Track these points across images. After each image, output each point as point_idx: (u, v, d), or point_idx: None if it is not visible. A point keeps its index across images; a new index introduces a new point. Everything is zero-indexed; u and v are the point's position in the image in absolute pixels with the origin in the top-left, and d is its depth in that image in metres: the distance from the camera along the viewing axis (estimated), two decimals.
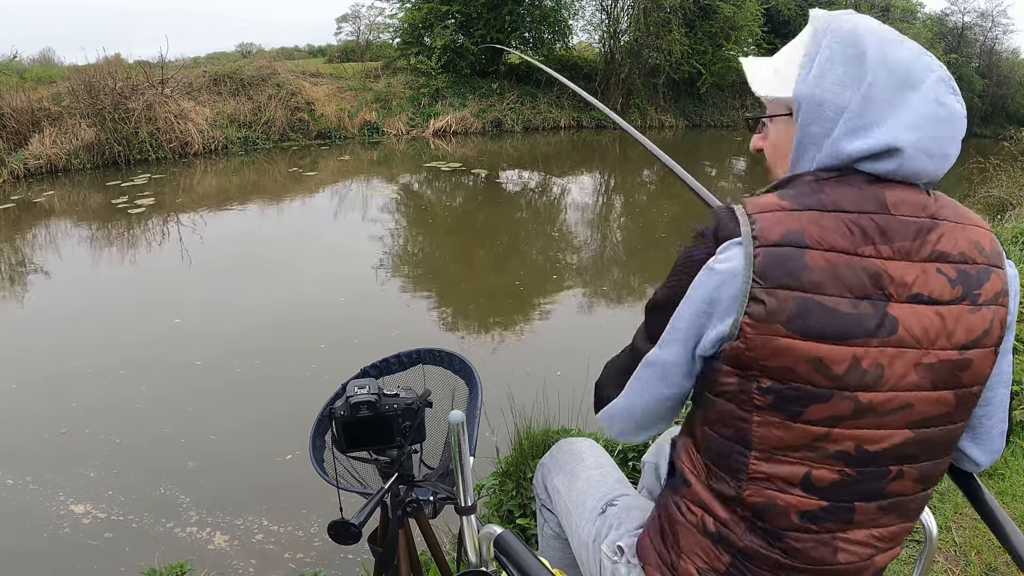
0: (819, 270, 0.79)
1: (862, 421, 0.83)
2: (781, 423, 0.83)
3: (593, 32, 17.93)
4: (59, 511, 2.93)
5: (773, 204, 0.83)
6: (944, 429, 0.87)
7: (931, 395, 0.84)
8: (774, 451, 0.85)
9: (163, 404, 3.83)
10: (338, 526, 1.05)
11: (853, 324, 0.80)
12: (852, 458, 0.84)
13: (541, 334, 5.09)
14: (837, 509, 0.87)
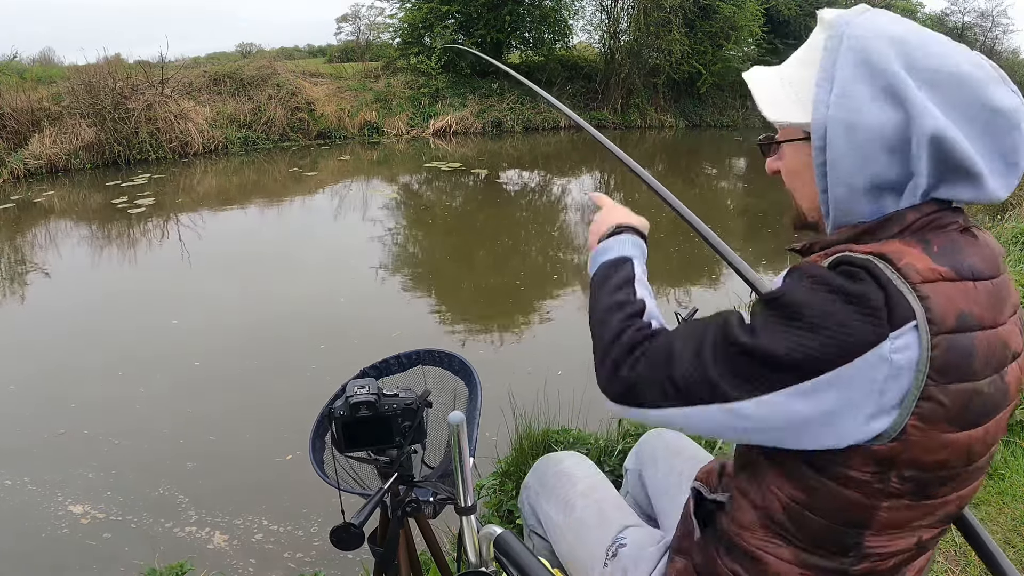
0: (982, 356, 0.70)
1: (967, 482, 0.78)
2: (911, 504, 0.75)
3: (593, 32, 17.94)
4: (57, 511, 2.93)
5: (931, 269, 0.69)
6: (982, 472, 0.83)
7: (994, 445, 0.79)
8: (895, 529, 0.77)
9: (162, 405, 3.83)
10: (340, 531, 1.05)
11: (992, 404, 0.73)
12: (953, 515, 0.81)
13: (541, 334, 5.09)
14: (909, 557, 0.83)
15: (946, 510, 0.78)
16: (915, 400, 0.67)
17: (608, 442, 2.73)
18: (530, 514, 1.33)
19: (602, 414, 3.17)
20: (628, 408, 0.79)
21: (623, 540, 1.10)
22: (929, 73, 0.70)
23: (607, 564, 1.08)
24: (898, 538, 0.78)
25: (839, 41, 0.74)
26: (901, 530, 0.77)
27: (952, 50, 0.72)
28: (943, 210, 0.73)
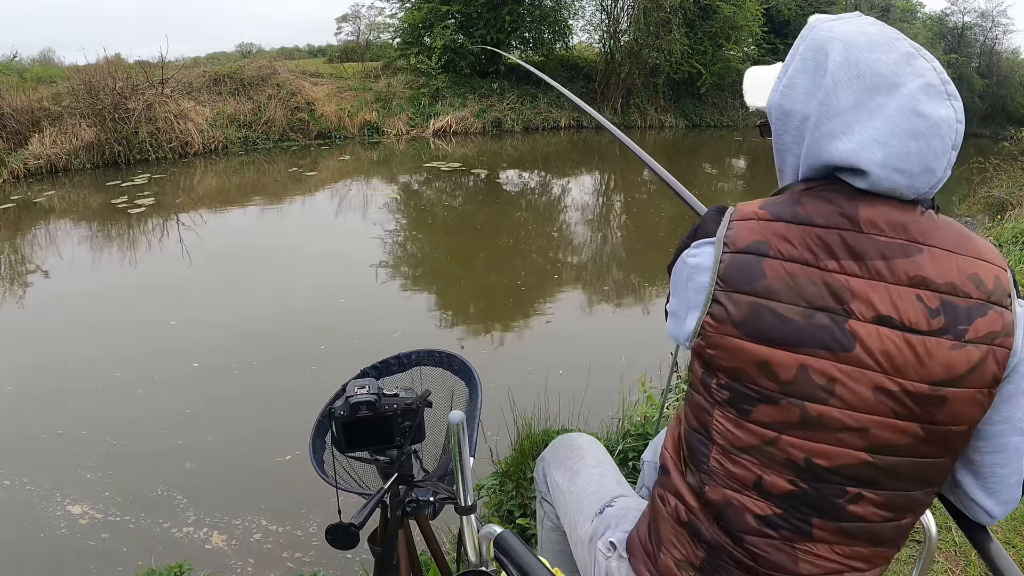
0: (775, 278, 0.82)
1: (812, 434, 0.83)
2: (735, 420, 0.86)
3: (593, 32, 17.95)
4: (56, 512, 2.93)
5: (752, 213, 0.86)
6: (912, 461, 0.84)
7: (892, 423, 0.82)
8: (730, 449, 0.88)
9: (160, 406, 3.82)
10: (336, 530, 1.05)
11: (803, 332, 0.81)
12: (802, 470, 0.85)
13: (542, 334, 5.09)
14: (793, 520, 0.87)
15: (788, 455, 0.84)
16: (708, 301, 0.85)
17: (608, 442, 2.73)
18: (542, 481, 1.42)
19: (602, 414, 3.18)
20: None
21: (612, 503, 1.19)
22: (865, 78, 0.80)
23: (593, 520, 1.18)
24: (735, 463, 0.88)
25: (803, 40, 0.88)
26: (736, 453, 0.87)
27: (892, 58, 0.81)
28: (836, 188, 0.83)
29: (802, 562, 0.88)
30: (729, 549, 0.91)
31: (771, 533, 0.88)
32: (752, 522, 0.89)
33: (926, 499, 0.89)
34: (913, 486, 0.86)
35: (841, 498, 0.85)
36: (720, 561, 0.92)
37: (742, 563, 0.91)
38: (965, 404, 0.81)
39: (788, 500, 0.87)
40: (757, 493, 0.87)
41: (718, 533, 0.91)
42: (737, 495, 0.89)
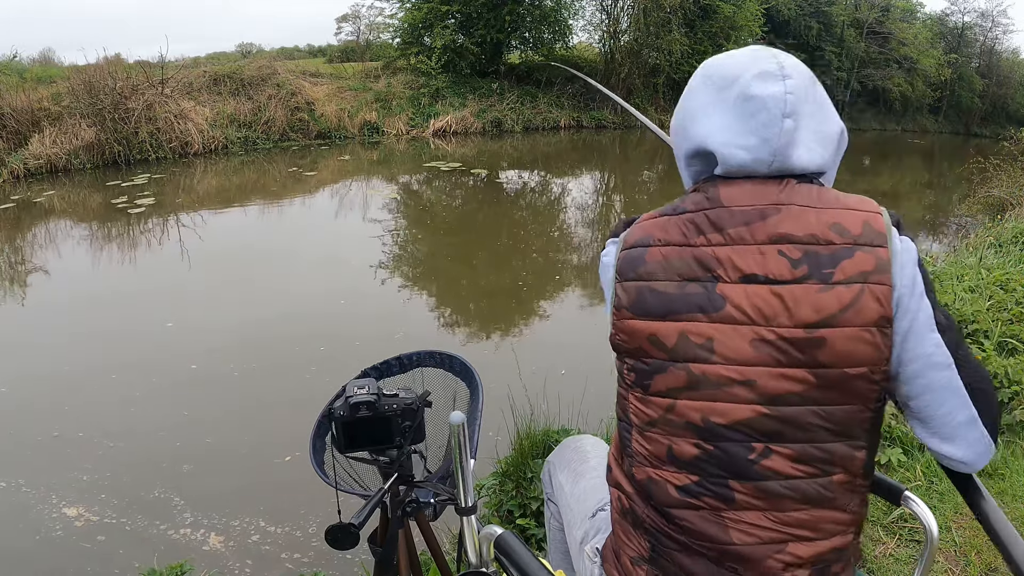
0: (654, 263, 0.93)
1: (702, 393, 0.89)
2: (641, 397, 0.94)
3: (593, 32, 17.97)
4: (52, 514, 2.92)
5: (647, 216, 0.99)
6: (813, 410, 0.86)
7: (777, 371, 0.86)
8: (643, 427, 0.94)
9: (158, 407, 3.81)
10: (336, 531, 1.05)
11: (678, 302, 0.90)
12: (702, 430, 0.89)
13: (542, 334, 5.09)
14: (710, 486, 0.90)
15: (687, 417, 0.90)
16: (613, 293, 0.97)
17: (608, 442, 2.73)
18: (548, 483, 1.44)
19: (602, 414, 3.17)
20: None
21: (605, 507, 1.18)
22: (713, 80, 0.94)
23: (585, 523, 1.20)
24: (649, 439, 0.94)
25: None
26: (648, 428, 0.94)
27: (739, 60, 0.93)
28: (707, 180, 0.95)
29: (732, 531, 0.89)
30: (664, 529, 0.94)
31: (694, 503, 0.91)
32: (675, 494, 0.92)
33: (852, 452, 0.88)
34: (827, 437, 0.87)
35: (749, 455, 0.87)
36: (662, 546, 0.95)
37: (679, 541, 0.93)
38: (850, 343, 0.84)
39: (699, 465, 0.90)
40: (672, 464, 0.92)
41: (651, 514, 0.95)
42: (656, 471, 0.93)
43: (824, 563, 0.91)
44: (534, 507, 2.36)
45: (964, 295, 3.73)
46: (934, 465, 2.44)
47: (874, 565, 2.01)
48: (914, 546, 2.07)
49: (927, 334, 0.87)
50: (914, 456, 2.50)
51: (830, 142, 0.93)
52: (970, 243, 6.03)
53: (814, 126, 0.91)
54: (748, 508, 0.89)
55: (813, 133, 0.91)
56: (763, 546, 0.89)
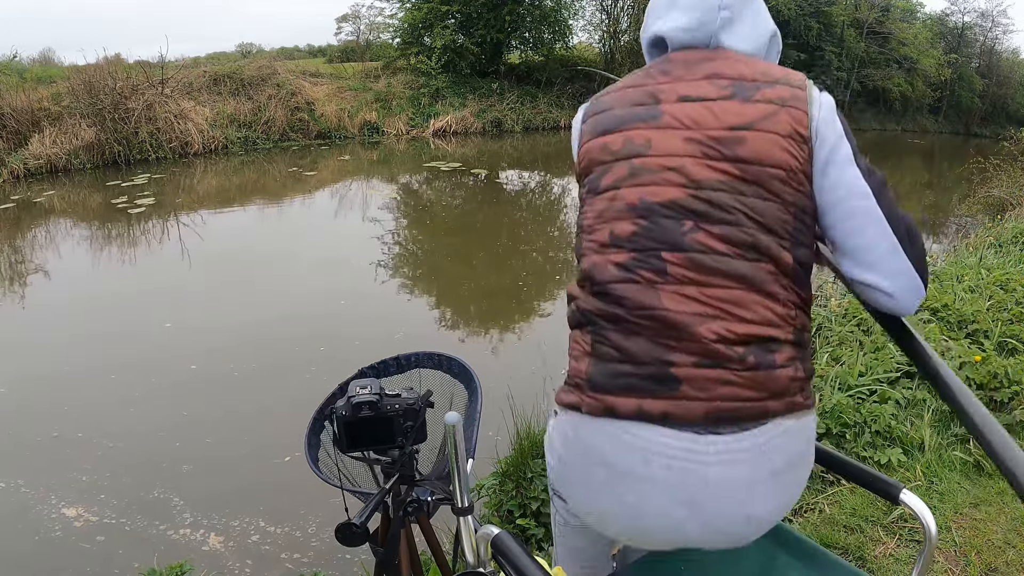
0: (611, 99, 1.12)
1: (640, 179, 1.02)
2: (591, 200, 1.08)
3: (593, 32, 17.97)
4: (51, 514, 2.92)
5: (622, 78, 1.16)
6: (736, 198, 0.97)
7: (703, 161, 0.99)
8: (592, 224, 1.06)
9: (157, 407, 3.81)
10: (345, 528, 1.06)
11: (626, 118, 1.07)
12: (638, 208, 1.01)
13: (542, 334, 5.09)
14: (646, 257, 0.99)
15: (626, 200, 1.02)
16: (580, 136, 1.14)
17: None
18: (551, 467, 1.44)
19: None
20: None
21: None
22: None
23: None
24: (595, 231, 1.05)
25: None
26: (596, 223, 1.06)
27: None
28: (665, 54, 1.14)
29: (666, 298, 0.96)
30: (604, 311, 1.01)
31: (632, 276, 0.99)
32: (614, 271, 1.01)
33: (779, 249, 0.97)
34: (752, 226, 0.96)
35: (680, 228, 0.98)
36: (601, 331, 1.01)
37: (616, 317, 0.99)
38: (766, 145, 0.97)
39: (636, 240, 1.00)
40: (613, 246, 1.02)
41: (593, 301, 1.03)
42: (598, 255, 1.03)
43: (760, 346, 0.95)
44: (534, 507, 2.36)
45: (964, 295, 3.72)
46: (934, 465, 2.44)
47: (874, 565, 2.01)
48: (914, 546, 2.07)
49: (847, 167, 0.98)
50: (914, 456, 2.50)
51: (761, 37, 1.10)
52: (970, 243, 6.03)
53: (749, 21, 1.09)
54: (681, 281, 0.96)
55: (747, 27, 1.09)
56: (695, 316, 0.94)
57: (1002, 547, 2.04)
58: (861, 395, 2.77)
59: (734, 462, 0.94)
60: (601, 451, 1.00)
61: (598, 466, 1.01)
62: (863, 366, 2.97)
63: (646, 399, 0.95)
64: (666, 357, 0.95)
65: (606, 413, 0.98)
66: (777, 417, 0.95)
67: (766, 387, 0.94)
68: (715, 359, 0.93)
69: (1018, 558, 1.99)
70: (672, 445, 0.94)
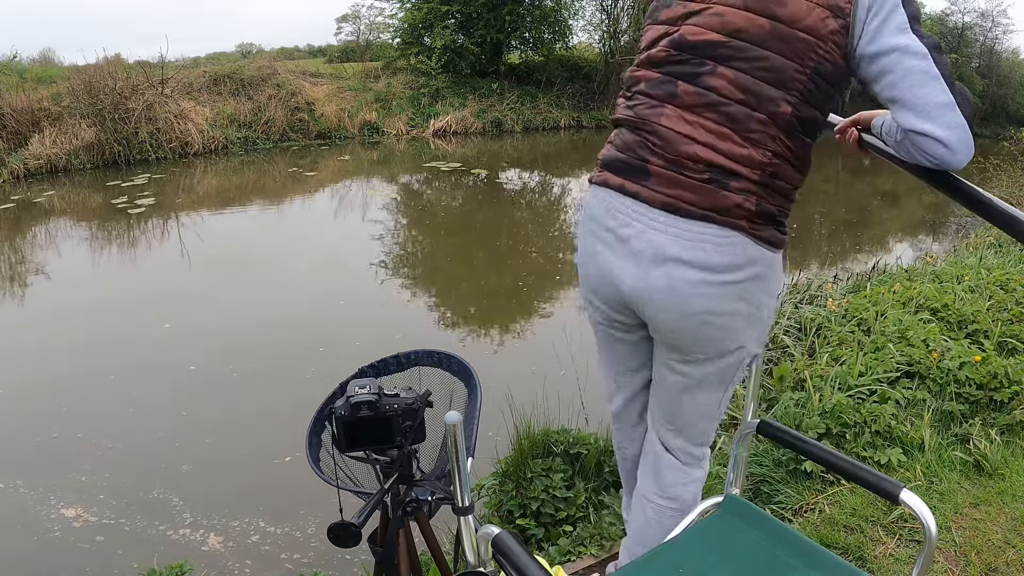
0: None
1: (689, 22, 1.20)
2: (648, 27, 1.30)
3: (593, 32, 17.93)
4: (50, 515, 2.92)
5: None
6: (762, 52, 1.13)
7: (742, 13, 1.14)
8: (642, 46, 1.30)
9: (156, 408, 3.80)
10: (339, 528, 1.05)
11: None
12: (676, 42, 1.21)
13: (542, 334, 5.08)
14: (665, 82, 1.22)
15: (669, 33, 1.23)
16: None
17: (608, 442, 2.73)
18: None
19: (602, 415, 3.17)
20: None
21: None
22: None
23: None
24: (642, 52, 1.30)
25: None
26: (645, 46, 1.29)
27: None
28: None
29: (664, 117, 1.21)
30: (625, 114, 1.30)
31: (651, 94, 1.24)
32: (641, 86, 1.27)
33: (778, 100, 1.14)
34: (764, 76, 1.13)
35: (701, 67, 1.18)
36: (620, 126, 1.33)
37: (629, 120, 1.29)
38: (803, 11, 1.10)
39: (664, 65, 1.23)
40: (647, 64, 1.27)
41: (623, 110, 1.32)
42: (636, 70, 1.30)
43: (720, 172, 1.17)
44: (534, 507, 2.36)
45: (964, 295, 3.72)
46: (934, 465, 2.44)
47: (874, 565, 2.00)
48: (914, 546, 2.07)
49: (903, 30, 1.07)
50: (914, 456, 2.49)
51: None
52: (970, 243, 6.03)
53: None
54: (682, 108, 1.20)
55: None
56: (680, 136, 1.19)
57: (1002, 547, 2.03)
58: (861, 395, 2.77)
59: (671, 234, 1.20)
60: (592, 210, 1.33)
61: (588, 220, 1.34)
62: (863, 366, 2.97)
63: (627, 181, 1.26)
64: (647, 157, 1.23)
65: (602, 183, 1.31)
66: (715, 225, 1.19)
67: (712, 201, 1.18)
68: (679, 168, 1.20)
69: (1018, 558, 1.99)
70: (635, 210, 1.24)
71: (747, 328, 1.28)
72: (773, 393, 3.02)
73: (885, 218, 9.60)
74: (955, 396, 2.72)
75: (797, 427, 2.54)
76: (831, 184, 12.78)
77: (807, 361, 3.25)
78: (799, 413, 2.64)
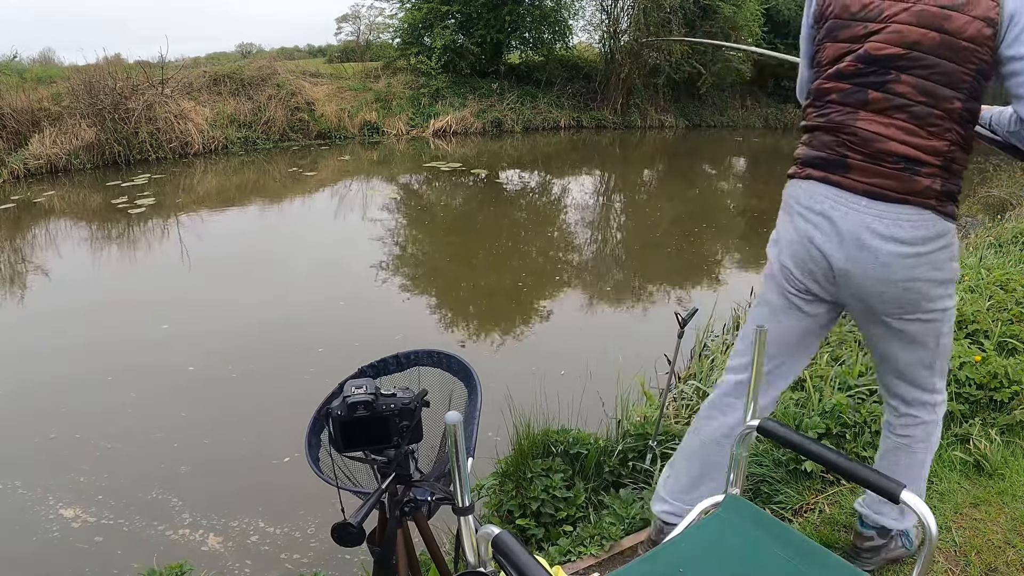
0: None
1: (872, 39, 1.43)
2: (828, 44, 1.52)
3: (593, 32, 17.90)
4: (48, 515, 2.91)
5: None
6: (934, 60, 1.38)
7: (916, 29, 1.39)
8: (826, 61, 1.53)
9: (155, 409, 3.80)
10: (341, 528, 1.05)
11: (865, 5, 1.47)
12: (862, 57, 1.45)
13: (542, 334, 5.08)
14: (857, 91, 1.47)
15: (854, 50, 1.47)
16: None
17: (608, 442, 2.72)
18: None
19: (602, 415, 3.17)
20: None
21: None
22: None
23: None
24: (829, 68, 1.53)
25: None
26: (828, 65, 1.53)
27: None
28: None
29: (861, 121, 1.47)
30: (821, 123, 1.54)
31: (843, 101, 1.49)
32: (834, 96, 1.51)
33: (951, 98, 1.40)
34: (938, 79, 1.39)
35: (886, 77, 1.43)
36: (814, 130, 1.57)
37: (823, 127, 1.54)
38: (965, 23, 1.35)
39: (853, 78, 1.47)
40: (836, 78, 1.50)
41: (815, 118, 1.56)
42: (824, 83, 1.53)
43: (912, 162, 1.43)
44: (534, 507, 2.36)
45: (964, 295, 3.72)
46: (934, 465, 2.43)
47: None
48: None
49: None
50: None
51: None
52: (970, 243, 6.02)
53: None
54: (875, 111, 1.45)
55: None
56: (876, 135, 1.45)
57: (1002, 547, 2.03)
58: (861, 395, 2.77)
59: (873, 215, 1.47)
60: (801, 198, 1.58)
61: (797, 207, 1.59)
62: (863, 366, 2.97)
63: (830, 174, 1.52)
64: (846, 153, 1.49)
65: (807, 177, 1.57)
66: (910, 206, 1.45)
67: (907, 186, 1.44)
68: (877, 161, 1.45)
69: (1018, 558, 1.99)
70: (840, 197, 1.50)
71: (941, 288, 1.53)
72: None
73: None
74: (955, 396, 2.72)
75: (797, 427, 2.53)
76: None
77: None
78: (799, 413, 2.63)
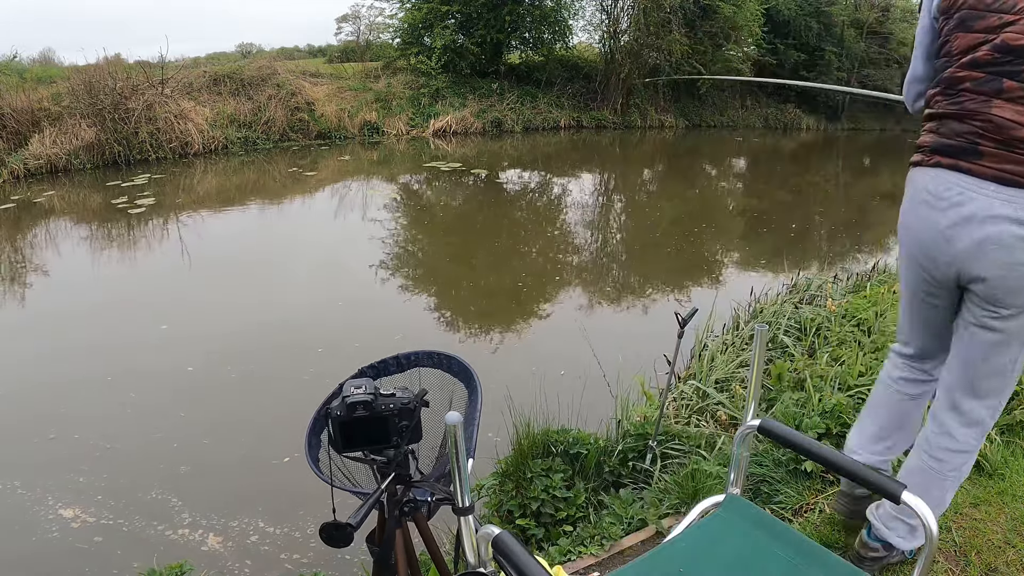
0: None
1: (1007, 30, 1.43)
2: (961, 34, 1.52)
3: (593, 32, 17.92)
4: (48, 515, 2.91)
5: None
6: None
7: None
8: (958, 50, 1.52)
9: (154, 409, 3.80)
10: (330, 528, 1.05)
11: None
12: (998, 47, 1.45)
13: (542, 334, 5.08)
14: (991, 80, 1.47)
15: (988, 40, 1.47)
16: None
17: (608, 443, 2.72)
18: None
19: (602, 415, 3.17)
20: None
21: None
22: None
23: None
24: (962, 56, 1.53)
25: None
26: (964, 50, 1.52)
27: None
28: None
29: (995, 108, 1.46)
30: (952, 111, 1.54)
31: (977, 90, 1.49)
32: (968, 84, 1.51)
33: None
34: None
35: (1022, 66, 1.42)
36: (944, 118, 1.58)
37: (955, 115, 1.54)
38: None
39: (988, 67, 1.47)
40: (970, 67, 1.50)
41: (946, 106, 1.56)
42: (958, 71, 1.53)
43: None
44: (534, 507, 2.36)
45: None
46: None
47: None
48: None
49: None
50: None
51: None
52: None
53: None
54: (1010, 100, 1.44)
55: None
56: (1009, 121, 1.44)
57: (1002, 547, 2.03)
58: (861, 395, 2.76)
59: (1002, 199, 1.47)
60: (928, 185, 1.60)
61: (924, 194, 1.61)
62: (863, 366, 2.97)
63: (961, 161, 1.52)
64: (977, 140, 1.50)
65: (935, 165, 1.58)
66: None
67: None
68: (1010, 148, 1.45)
69: (1018, 558, 1.99)
70: (970, 184, 1.51)
71: None
72: (773, 393, 3.02)
73: (885, 218, 9.59)
74: None
75: (797, 427, 2.53)
76: (831, 184, 12.78)
77: (807, 361, 3.25)
78: (799, 413, 2.63)
